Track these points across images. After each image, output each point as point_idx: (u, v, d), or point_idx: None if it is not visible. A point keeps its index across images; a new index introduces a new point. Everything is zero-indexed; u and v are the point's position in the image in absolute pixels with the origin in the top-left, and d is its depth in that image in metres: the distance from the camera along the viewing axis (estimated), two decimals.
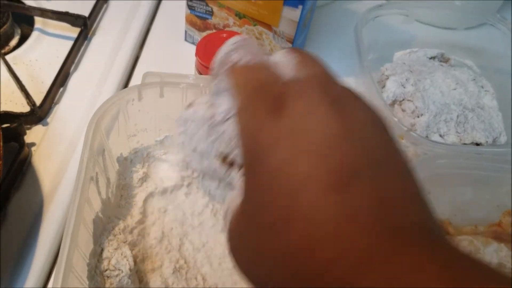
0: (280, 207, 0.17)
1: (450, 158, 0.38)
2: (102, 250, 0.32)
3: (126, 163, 0.39)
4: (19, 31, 0.59)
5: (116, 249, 0.33)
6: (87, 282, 0.31)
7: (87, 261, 0.32)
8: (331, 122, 0.18)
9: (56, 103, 0.51)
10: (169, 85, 0.36)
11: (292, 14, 0.47)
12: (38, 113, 0.48)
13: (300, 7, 0.46)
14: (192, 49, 0.58)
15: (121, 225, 0.35)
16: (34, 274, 0.38)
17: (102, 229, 0.34)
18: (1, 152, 0.37)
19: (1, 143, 0.37)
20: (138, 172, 0.39)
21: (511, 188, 0.39)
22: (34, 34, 0.57)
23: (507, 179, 0.39)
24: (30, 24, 0.59)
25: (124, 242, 0.34)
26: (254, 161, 0.19)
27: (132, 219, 0.36)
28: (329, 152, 0.17)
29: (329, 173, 0.17)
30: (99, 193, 0.34)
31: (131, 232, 0.35)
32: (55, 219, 0.42)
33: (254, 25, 0.50)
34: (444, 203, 0.42)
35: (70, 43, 0.55)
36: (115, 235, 0.33)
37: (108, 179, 0.36)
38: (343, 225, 0.16)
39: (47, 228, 0.42)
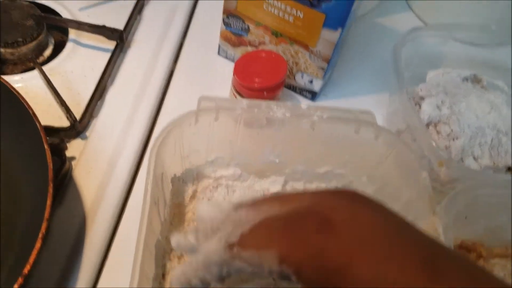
0: None
1: (488, 188, 0.40)
2: (163, 274, 0.33)
3: (179, 183, 0.40)
4: (52, 40, 0.59)
5: None
6: None
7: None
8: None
9: (94, 117, 0.51)
10: (226, 111, 0.36)
11: (331, 35, 0.48)
12: (78, 128, 0.49)
13: (340, 29, 0.47)
14: (225, 63, 0.59)
15: None
16: None
17: (163, 251, 0.35)
18: (51, 174, 0.37)
19: (51, 165, 0.38)
20: (188, 191, 0.40)
21: None
22: (69, 45, 0.58)
23: None
24: (61, 31, 0.59)
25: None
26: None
27: None
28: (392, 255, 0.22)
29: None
30: (159, 215, 0.35)
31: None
32: (99, 234, 0.43)
33: (291, 44, 0.51)
34: (479, 226, 0.43)
35: (104, 55, 0.56)
36: (174, 256, 0.34)
37: (165, 201, 0.37)
38: None
39: (91, 243, 0.42)
